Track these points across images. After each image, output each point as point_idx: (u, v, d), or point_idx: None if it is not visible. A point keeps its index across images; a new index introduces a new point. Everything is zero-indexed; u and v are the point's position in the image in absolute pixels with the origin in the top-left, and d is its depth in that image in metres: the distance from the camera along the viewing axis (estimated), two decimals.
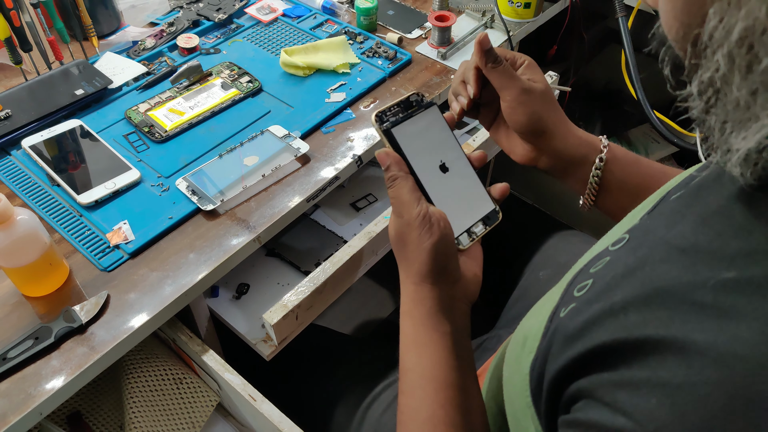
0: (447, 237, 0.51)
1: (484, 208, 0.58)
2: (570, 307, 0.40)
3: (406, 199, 0.51)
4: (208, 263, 0.66)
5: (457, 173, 0.57)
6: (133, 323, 0.61)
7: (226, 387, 0.65)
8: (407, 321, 0.51)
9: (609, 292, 0.36)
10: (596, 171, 0.62)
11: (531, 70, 0.62)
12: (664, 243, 0.36)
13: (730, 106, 0.29)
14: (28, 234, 0.58)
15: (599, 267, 0.42)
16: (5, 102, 0.79)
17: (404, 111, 0.56)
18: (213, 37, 0.97)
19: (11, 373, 0.57)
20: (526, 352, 0.44)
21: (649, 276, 0.34)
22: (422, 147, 0.56)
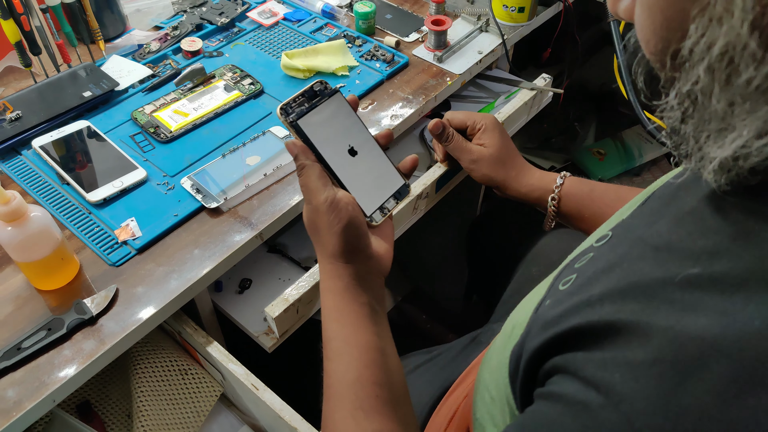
0: (355, 219, 0.55)
1: (394, 185, 0.63)
2: (553, 299, 0.43)
3: (313, 186, 0.55)
4: (213, 259, 0.69)
5: (365, 155, 0.61)
6: (141, 315, 0.64)
7: (229, 377, 0.68)
8: (327, 295, 0.56)
9: (589, 285, 0.39)
10: (551, 206, 0.77)
11: (487, 135, 0.79)
12: (641, 241, 0.39)
13: (708, 117, 0.31)
14: (41, 230, 0.61)
15: (583, 262, 0.45)
16: (16, 103, 0.82)
17: (309, 101, 0.59)
18: (216, 41, 0.99)
19: (25, 363, 0.60)
20: (511, 340, 0.47)
21: (626, 272, 0.37)
22: (329, 134, 0.59)
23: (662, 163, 1.45)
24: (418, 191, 0.83)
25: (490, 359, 0.58)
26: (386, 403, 0.51)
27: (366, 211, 0.58)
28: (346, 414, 0.51)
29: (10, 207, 0.57)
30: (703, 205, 0.36)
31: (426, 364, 0.83)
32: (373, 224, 0.59)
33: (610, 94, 1.55)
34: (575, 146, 1.55)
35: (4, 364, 0.58)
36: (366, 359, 0.53)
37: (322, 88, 0.60)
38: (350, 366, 0.52)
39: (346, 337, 0.54)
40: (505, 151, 0.79)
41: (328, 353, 0.54)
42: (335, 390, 0.52)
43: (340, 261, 0.56)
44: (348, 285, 0.56)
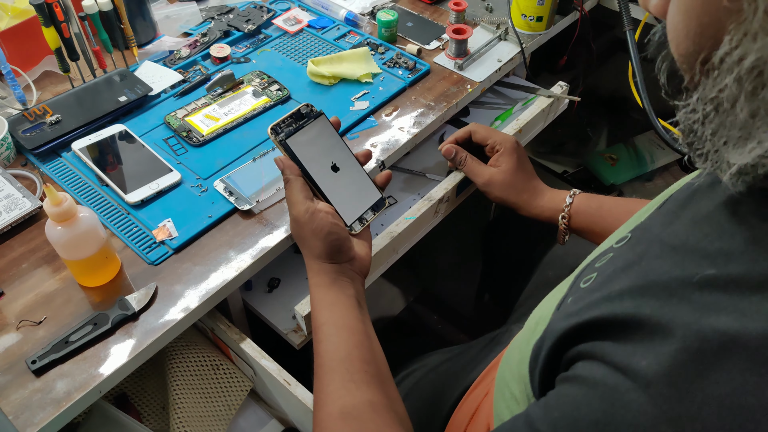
0: (335, 226, 0.64)
1: (372, 198, 0.71)
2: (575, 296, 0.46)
3: (295, 199, 0.64)
4: (246, 259, 0.72)
5: (347, 171, 0.69)
6: (179, 312, 0.67)
7: (261, 372, 0.71)
8: (316, 289, 0.64)
9: (609, 282, 0.42)
10: (562, 224, 0.81)
11: (504, 158, 0.82)
12: (659, 240, 0.41)
13: (729, 124, 0.33)
14: (88, 230, 0.64)
15: (603, 262, 0.47)
16: (55, 107, 0.86)
17: (297, 121, 0.68)
18: (243, 47, 1.03)
19: (73, 355, 0.63)
20: (534, 335, 0.50)
21: (645, 270, 0.39)
22: (314, 152, 0.67)
23: (674, 168, 1.47)
24: (439, 195, 0.86)
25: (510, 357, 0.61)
26: (374, 377, 0.58)
27: (347, 221, 0.67)
28: (339, 386, 0.56)
29: (62, 208, 0.61)
30: (720, 208, 0.38)
31: (446, 363, 0.86)
32: (353, 233, 0.68)
33: (622, 100, 1.57)
34: (587, 151, 1.58)
35: (53, 356, 0.62)
36: (354, 340, 0.60)
37: (309, 110, 0.69)
38: (340, 346, 0.59)
39: (336, 322, 0.61)
40: (520, 176, 0.83)
41: (319, 336, 0.61)
42: (328, 366, 0.59)
43: (326, 261, 0.64)
44: (335, 280, 0.64)
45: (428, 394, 0.82)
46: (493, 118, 1.06)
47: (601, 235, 0.78)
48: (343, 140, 0.71)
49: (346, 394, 0.55)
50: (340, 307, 0.62)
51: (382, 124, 0.90)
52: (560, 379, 0.41)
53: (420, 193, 0.96)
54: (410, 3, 1.13)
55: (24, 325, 0.65)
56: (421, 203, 0.85)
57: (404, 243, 0.86)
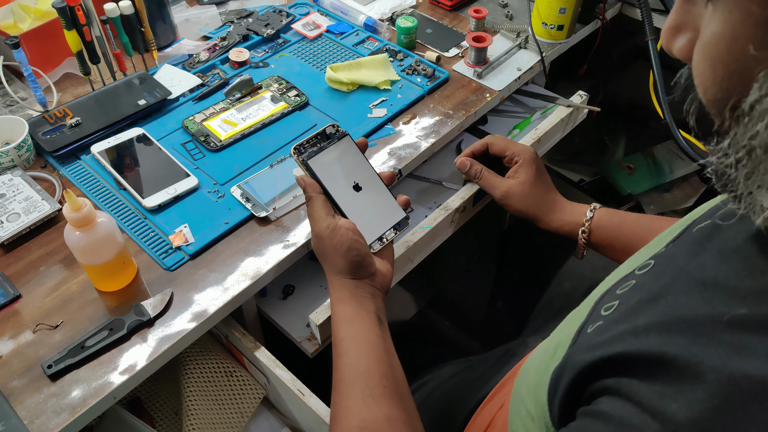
0: (356, 242, 0.64)
1: (394, 217, 0.71)
2: (597, 324, 0.45)
3: (317, 215, 0.65)
4: (262, 267, 0.72)
5: (369, 190, 0.70)
6: (195, 319, 0.67)
7: (275, 381, 0.71)
8: (337, 304, 0.63)
9: (633, 315, 0.41)
10: (582, 238, 0.79)
11: (522, 169, 0.81)
12: (685, 274, 0.40)
13: (764, 169, 0.32)
14: (107, 235, 0.64)
15: (625, 289, 0.46)
16: (75, 110, 0.86)
17: (321, 142, 0.69)
18: (261, 51, 1.03)
19: (89, 361, 0.63)
20: (554, 360, 0.49)
21: (672, 305, 0.38)
22: (337, 171, 0.69)
23: (693, 179, 1.45)
24: (456, 205, 0.85)
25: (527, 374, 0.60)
26: (393, 393, 0.57)
27: (367, 239, 0.67)
28: (358, 400, 0.56)
29: (81, 213, 0.61)
30: (749, 244, 0.37)
31: (460, 374, 0.86)
32: (373, 251, 0.68)
33: (640, 108, 1.55)
34: (605, 160, 1.56)
35: (69, 361, 0.62)
36: (374, 355, 0.60)
37: (335, 131, 0.70)
38: (360, 360, 0.59)
39: (356, 336, 0.61)
40: (539, 188, 0.81)
41: (339, 351, 0.61)
42: (347, 380, 0.58)
43: (347, 277, 0.64)
44: (355, 295, 0.63)
45: (442, 405, 0.81)
46: (511, 127, 1.05)
47: (622, 252, 0.77)
48: (367, 160, 0.71)
49: (365, 409, 0.55)
50: (360, 323, 0.62)
51: (399, 132, 0.90)
52: (582, 412, 0.40)
53: (436, 201, 0.95)
54: (430, 9, 1.13)
55: (40, 329, 0.65)
56: (438, 212, 0.85)
57: (420, 252, 0.85)
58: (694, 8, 0.36)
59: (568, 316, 0.56)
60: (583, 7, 1.05)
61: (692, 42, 0.36)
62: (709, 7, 0.34)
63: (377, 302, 0.65)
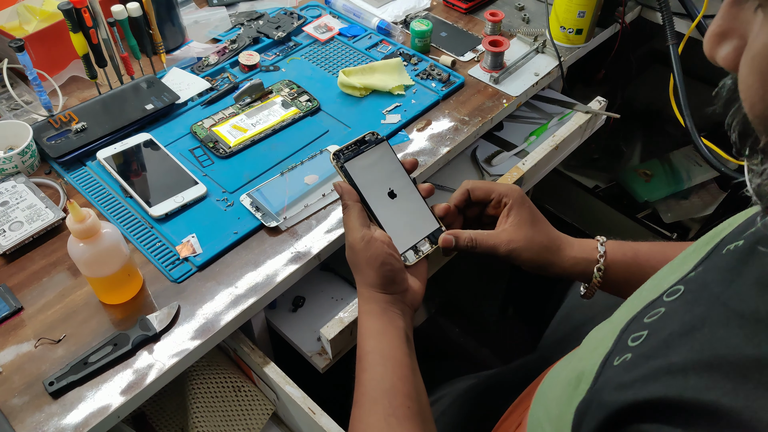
0: (390, 256, 0.61)
1: (428, 228, 0.68)
2: (624, 357, 0.41)
3: (352, 225, 0.62)
4: (272, 279, 0.69)
5: (404, 199, 0.68)
6: (202, 334, 0.64)
7: (285, 398, 0.68)
8: (366, 316, 0.61)
9: (667, 349, 0.37)
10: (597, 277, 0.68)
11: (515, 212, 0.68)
12: (721, 304, 0.37)
13: None
14: (111, 247, 0.62)
15: (654, 318, 0.43)
16: (81, 114, 0.84)
17: (360, 147, 0.67)
18: (272, 55, 1.00)
19: (92, 377, 0.61)
20: (577, 393, 0.46)
21: (709, 340, 0.35)
22: (373, 178, 0.66)
23: (711, 186, 1.42)
24: None
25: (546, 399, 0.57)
26: (416, 415, 0.55)
27: (399, 248, 0.64)
28: (380, 418, 0.54)
29: (85, 225, 0.58)
30: None
31: (475, 390, 0.83)
32: (407, 264, 0.64)
33: (657, 113, 1.52)
34: (620, 166, 1.53)
35: (71, 378, 0.60)
36: (400, 373, 0.57)
37: (374, 138, 0.68)
38: (385, 376, 0.57)
39: (382, 352, 0.58)
40: (538, 228, 0.69)
41: (364, 365, 0.58)
42: (369, 396, 0.56)
43: (379, 290, 0.61)
44: (385, 309, 0.61)
45: (456, 423, 0.79)
46: (527, 133, 1.02)
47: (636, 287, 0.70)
48: (404, 167, 0.69)
49: (387, 429, 0.53)
50: (388, 338, 0.59)
51: (414, 139, 0.87)
52: None
53: None
54: (444, 12, 1.10)
55: (42, 343, 0.63)
56: None
57: (432, 267, 0.83)
58: (742, 14, 0.33)
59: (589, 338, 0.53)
60: (602, 11, 1.02)
61: (738, 51, 0.33)
62: (759, 14, 0.31)
63: (406, 320, 0.62)
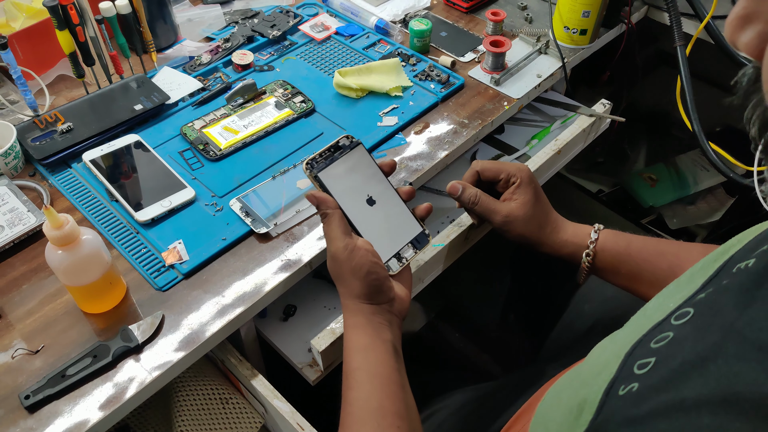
0: (375, 265, 0.59)
1: (411, 232, 0.66)
2: (630, 386, 0.38)
3: (333, 234, 0.60)
4: (261, 287, 0.67)
5: (383, 204, 0.65)
6: (186, 345, 0.62)
7: (273, 413, 0.66)
8: (351, 330, 0.59)
9: (678, 382, 0.34)
10: (586, 261, 0.71)
11: (521, 190, 0.71)
12: (736, 333, 0.34)
13: None
14: (91, 254, 0.59)
15: (662, 343, 0.39)
16: (67, 114, 0.81)
17: (334, 154, 0.63)
18: (267, 54, 0.97)
19: (70, 391, 0.58)
20: (580, 423, 0.43)
21: (725, 374, 0.32)
22: (350, 185, 0.63)
23: (719, 191, 1.38)
24: (470, 221, 0.80)
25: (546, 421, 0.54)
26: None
27: (382, 256, 0.62)
28: None
29: (62, 232, 0.56)
30: None
31: (472, 403, 0.80)
32: (391, 273, 0.62)
33: (663, 116, 1.49)
34: (625, 170, 1.50)
35: (48, 391, 0.57)
36: (388, 391, 0.55)
37: (349, 142, 0.64)
38: (372, 395, 0.55)
39: (369, 369, 0.56)
40: (539, 208, 0.72)
41: (351, 383, 0.56)
42: (357, 417, 0.54)
43: (364, 302, 0.59)
44: (371, 321, 0.59)
45: None
46: (529, 137, 0.99)
47: (627, 277, 0.70)
48: (382, 170, 0.66)
49: None
50: (376, 353, 0.57)
51: (411, 142, 0.84)
52: None
53: (449, 216, 0.90)
54: (445, 11, 1.07)
55: (20, 354, 0.60)
56: (451, 229, 0.79)
57: (431, 271, 0.80)
58: None
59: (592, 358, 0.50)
60: (607, 11, 0.99)
61: (763, 37, 0.30)
62: None
63: (394, 330, 0.60)
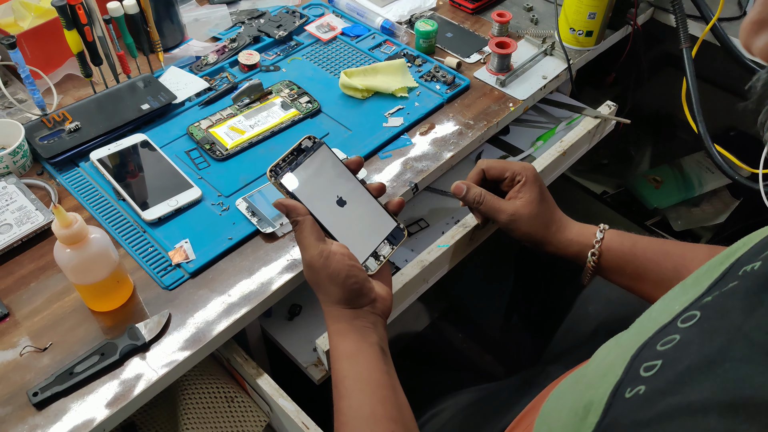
0: (353, 268, 0.59)
1: (386, 229, 0.65)
2: (637, 389, 0.38)
3: (306, 242, 0.59)
4: (267, 287, 0.67)
5: (354, 204, 0.64)
6: (193, 344, 0.62)
7: (278, 411, 0.66)
8: (336, 337, 0.58)
9: (684, 385, 0.35)
10: (591, 261, 0.71)
11: (527, 188, 0.72)
12: (743, 336, 0.34)
13: None
14: (100, 252, 0.60)
15: (668, 346, 0.40)
16: (75, 114, 0.82)
17: (297, 157, 0.62)
18: (273, 54, 0.98)
19: (77, 388, 0.58)
20: (586, 426, 0.43)
21: (732, 378, 0.32)
22: (317, 188, 0.62)
23: (723, 193, 1.38)
24: (475, 221, 0.80)
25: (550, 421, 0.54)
26: None
27: (359, 257, 0.61)
28: None
29: (71, 230, 0.56)
30: None
31: (476, 404, 0.80)
32: (369, 273, 0.61)
33: (668, 118, 1.48)
34: (630, 171, 1.50)
35: (56, 389, 0.57)
36: (379, 396, 0.55)
37: (312, 143, 0.63)
38: (364, 402, 0.55)
39: (358, 375, 0.56)
40: (544, 207, 0.73)
41: (341, 391, 0.56)
42: (350, 426, 0.54)
43: (346, 307, 0.59)
44: (356, 327, 0.58)
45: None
46: (534, 138, 1.00)
47: (632, 277, 0.71)
48: (349, 169, 0.65)
49: None
50: (363, 359, 0.56)
51: (416, 142, 0.84)
52: None
53: (454, 217, 0.90)
54: (450, 12, 1.07)
55: (28, 351, 0.61)
56: (455, 230, 0.79)
57: (436, 272, 0.80)
58: None
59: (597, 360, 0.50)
60: (613, 12, 0.99)
61: None
62: None
63: (379, 331, 0.59)
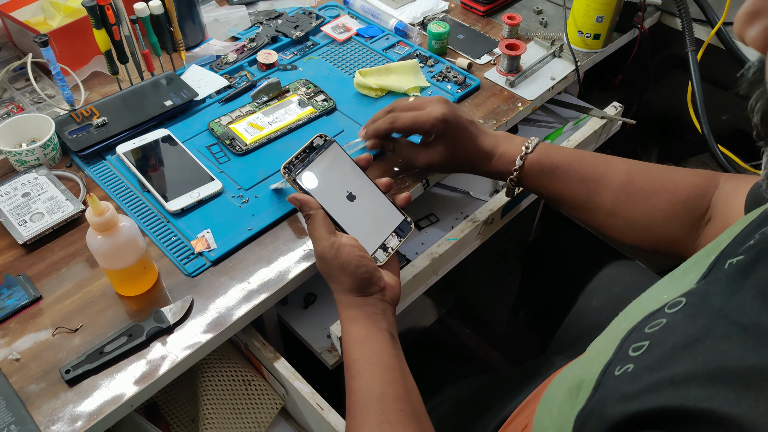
0: (362, 258, 0.62)
1: (393, 222, 0.69)
2: (625, 367, 0.42)
3: (318, 234, 0.63)
4: (284, 275, 0.70)
5: (364, 198, 0.68)
6: (214, 328, 0.66)
7: (294, 393, 0.69)
8: (348, 323, 0.62)
9: (669, 362, 0.38)
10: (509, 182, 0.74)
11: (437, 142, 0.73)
12: (723, 316, 0.37)
13: None
14: (129, 240, 0.63)
15: (655, 329, 0.43)
16: (102, 109, 0.86)
17: (310, 155, 0.67)
18: (290, 54, 1.01)
19: (107, 367, 0.62)
20: (578, 402, 0.46)
21: (712, 352, 0.35)
22: (329, 184, 0.66)
23: None
24: (484, 217, 0.83)
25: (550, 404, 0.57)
26: (409, 417, 0.56)
27: (368, 249, 0.65)
28: (374, 427, 0.55)
29: (103, 218, 0.60)
30: None
31: (480, 392, 0.83)
32: (378, 264, 0.65)
33: (675, 120, 1.51)
34: None
35: (87, 367, 0.61)
36: (389, 377, 0.58)
37: (323, 141, 0.67)
38: (374, 383, 0.58)
39: (369, 358, 0.59)
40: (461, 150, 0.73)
41: (352, 373, 0.60)
42: (361, 406, 0.57)
43: (357, 295, 0.63)
44: (367, 313, 0.62)
45: (462, 424, 0.79)
46: (542, 137, 1.02)
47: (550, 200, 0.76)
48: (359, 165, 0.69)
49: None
50: (373, 343, 0.60)
51: None
52: None
53: (463, 212, 0.93)
54: (462, 14, 1.11)
55: (60, 332, 0.65)
56: (465, 224, 0.83)
57: (445, 264, 0.83)
58: None
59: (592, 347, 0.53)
60: (621, 16, 1.02)
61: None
62: None
63: (388, 318, 0.63)
